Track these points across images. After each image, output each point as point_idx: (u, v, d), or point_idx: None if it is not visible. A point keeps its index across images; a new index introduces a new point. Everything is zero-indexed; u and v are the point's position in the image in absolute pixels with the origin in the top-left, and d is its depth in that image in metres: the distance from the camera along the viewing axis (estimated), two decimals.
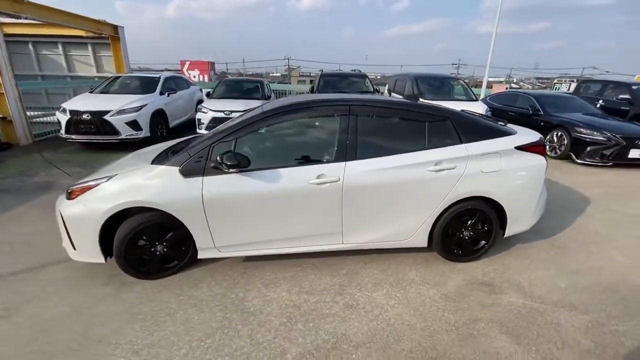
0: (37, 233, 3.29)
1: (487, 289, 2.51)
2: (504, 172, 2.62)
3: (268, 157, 2.54)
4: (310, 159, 2.50)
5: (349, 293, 2.44)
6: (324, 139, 2.57)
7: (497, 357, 1.90)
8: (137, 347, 1.95)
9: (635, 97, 7.58)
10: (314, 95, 3.09)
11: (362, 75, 8.41)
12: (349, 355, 1.91)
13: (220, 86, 8.18)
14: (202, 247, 2.52)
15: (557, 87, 34.57)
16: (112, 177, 2.42)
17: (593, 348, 1.97)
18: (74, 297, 2.38)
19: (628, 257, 2.98)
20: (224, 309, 2.28)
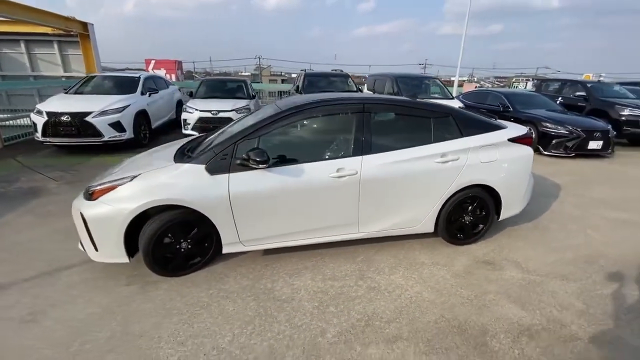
0: (36, 239, 3.18)
1: (490, 266, 2.81)
2: (499, 161, 2.93)
3: (290, 153, 2.66)
4: (330, 154, 2.66)
5: (369, 277, 2.64)
6: (340, 135, 2.73)
7: (510, 321, 2.17)
8: (181, 338, 2.02)
9: (590, 94, 8.44)
10: (327, 95, 3.24)
11: (344, 75, 8.65)
12: (383, 330, 2.10)
13: (203, 86, 8.08)
14: (227, 242, 2.60)
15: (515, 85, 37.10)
16: (136, 177, 2.43)
17: (585, 309, 2.30)
18: (100, 298, 2.37)
19: (600, 234, 3.42)
20: (256, 298, 2.39)
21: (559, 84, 9.59)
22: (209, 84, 8.23)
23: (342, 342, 2.00)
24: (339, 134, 2.74)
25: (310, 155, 2.65)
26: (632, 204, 4.29)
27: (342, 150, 2.67)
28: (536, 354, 1.93)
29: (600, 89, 8.60)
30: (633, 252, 3.08)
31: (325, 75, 8.55)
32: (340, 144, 2.70)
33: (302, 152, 2.71)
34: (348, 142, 2.68)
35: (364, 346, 1.97)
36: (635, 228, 3.60)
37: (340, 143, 2.70)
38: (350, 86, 8.20)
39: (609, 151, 6.74)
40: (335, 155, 2.65)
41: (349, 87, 8.19)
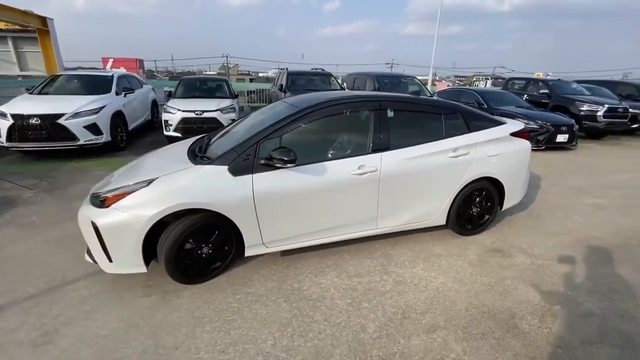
0: (27, 253, 2.90)
1: (500, 254, 2.97)
2: (503, 155, 3.11)
3: (311, 152, 2.64)
4: (350, 151, 2.68)
5: (392, 271, 2.69)
6: (359, 132, 2.76)
7: (532, 304, 2.32)
8: (220, 346, 1.95)
9: (552, 91, 9.16)
10: (343, 92, 3.25)
11: (327, 73, 8.69)
12: (419, 321, 2.16)
13: (182, 85, 7.73)
14: (250, 245, 2.53)
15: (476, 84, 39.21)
16: (154, 181, 2.30)
17: (592, 287, 2.52)
18: (120, 311, 2.22)
19: (585, 219, 3.75)
20: (287, 300, 2.35)
21: (524, 82, 10.31)
22: (188, 83, 7.89)
23: (384, 336, 2.03)
24: (358, 131, 2.77)
25: (331, 153, 2.66)
26: (603, 191, 4.73)
27: (362, 148, 2.70)
28: (562, 331, 2.08)
29: (561, 87, 9.35)
30: (616, 233, 3.40)
31: (308, 74, 8.53)
32: (360, 141, 2.73)
33: (322, 150, 2.71)
34: (367, 139, 2.71)
35: (406, 338, 2.02)
36: (611, 212, 3.97)
37: (359, 140, 2.73)
38: (333, 84, 8.25)
39: (574, 143, 7.36)
40: (355, 152, 2.67)
41: (332, 86, 8.24)
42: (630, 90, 10.93)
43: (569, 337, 2.04)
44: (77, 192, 4.32)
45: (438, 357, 1.88)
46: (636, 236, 3.38)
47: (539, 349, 1.95)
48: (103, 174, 4.99)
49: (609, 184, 5.05)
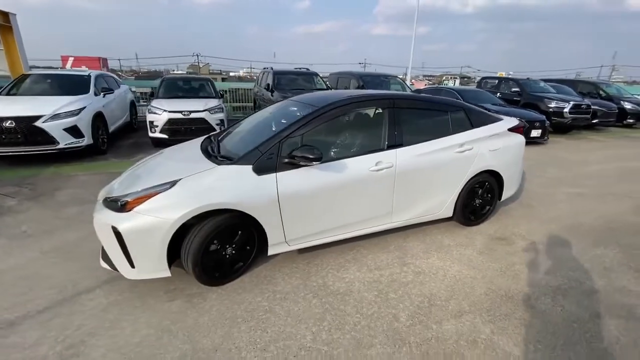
0: (26, 265, 2.72)
1: (504, 241, 3.18)
2: (502, 149, 3.32)
3: (330, 149, 2.68)
4: (367, 148, 2.75)
5: (410, 263, 2.80)
6: (374, 130, 2.84)
7: (542, 285, 2.52)
8: (261, 345, 1.95)
9: (523, 89, 9.77)
10: (355, 91, 3.30)
11: (313, 73, 8.72)
12: (446, 307, 2.28)
13: (165, 85, 7.46)
14: (273, 243, 2.53)
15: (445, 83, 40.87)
16: (177, 182, 2.25)
17: (590, 267, 2.76)
18: (147, 318, 2.15)
19: (569, 207, 4.08)
20: (316, 295, 2.39)
21: (496, 81, 10.91)
22: (171, 83, 7.62)
23: (417, 323, 2.13)
24: (373, 128, 2.85)
25: (349, 151, 2.72)
26: (579, 181, 5.15)
27: (378, 145, 2.78)
28: (573, 308, 2.28)
29: (530, 85, 10.00)
30: (597, 218, 3.74)
31: (294, 73, 8.52)
32: (375, 138, 2.81)
33: (341, 147, 2.76)
34: (382, 136, 2.80)
35: (438, 324, 2.12)
36: (590, 199, 4.35)
37: (375, 137, 2.81)
38: (320, 84, 8.30)
39: (545, 138, 7.91)
40: (372, 149, 2.75)
41: (318, 85, 8.29)
42: (588, 88, 11.89)
43: (580, 313, 2.24)
44: (65, 199, 4.08)
45: (470, 339, 2.01)
46: (615, 220, 3.72)
47: (557, 325, 2.13)
48: (88, 180, 4.79)
49: (583, 175, 5.50)
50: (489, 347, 1.95)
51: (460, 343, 1.97)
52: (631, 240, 3.25)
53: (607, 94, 11.40)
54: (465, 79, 48.27)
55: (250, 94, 11.47)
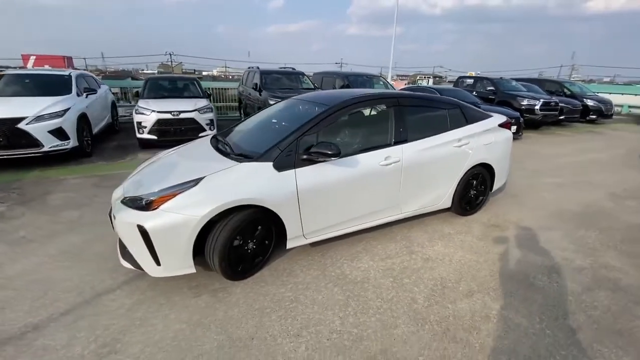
0: (34, 271, 2.66)
1: (498, 228, 3.44)
2: (494, 143, 3.58)
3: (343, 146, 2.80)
4: (377, 144, 2.90)
5: (417, 251, 2.99)
6: (382, 126, 3.00)
7: (537, 265, 2.78)
8: (294, 331, 2.06)
9: (497, 88, 10.34)
10: (361, 91, 3.43)
11: (299, 72, 8.80)
12: (457, 288, 2.47)
13: (150, 85, 7.28)
14: (292, 237, 2.63)
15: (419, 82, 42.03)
16: (201, 180, 2.30)
17: (576, 248, 3.07)
18: (176, 314, 2.19)
19: (551, 195, 4.44)
20: (337, 284, 2.51)
21: (472, 80, 11.47)
22: (156, 82, 7.44)
23: (434, 304, 2.31)
24: (381, 125, 3.01)
25: (360, 147, 2.86)
26: (556, 171, 5.58)
27: (386, 140, 2.94)
28: (570, 282, 2.55)
29: (503, 84, 10.60)
30: (577, 204, 4.11)
31: (281, 72, 8.56)
32: (383, 134, 2.97)
33: (353, 144, 2.90)
34: (389, 132, 2.96)
35: (453, 303, 2.31)
36: (568, 188, 4.75)
37: (383, 134, 2.97)
38: (307, 83, 8.40)
39: (520, 134, 8.44)
40: (381, 145, 2.91)
41: (305, 84, 8.38)
42: (554, 86, 12.74)
43: (574, 287, 2.50)
44: (59, 202, 3.96)
45: (484, 314, 2.21)
46: (591, 205, 4.11)
47: (556, 299, 2.38)
48: (79, 183, 4.66)
49: (558, 166, 5.96)
50: (500, 321, 2.15)
51: (475, 319, 2.17)
52: (608, 223, 3.62)
53: (571, 92, 12.27)
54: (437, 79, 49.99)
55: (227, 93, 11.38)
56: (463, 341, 1.99)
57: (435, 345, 1.96)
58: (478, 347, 1.95)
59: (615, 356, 1.90)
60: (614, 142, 8.82)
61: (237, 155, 2.62)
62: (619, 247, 3.09)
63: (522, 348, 1.94)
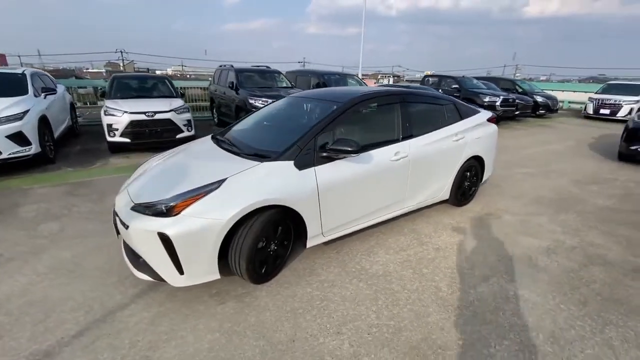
0: (25, 291, 2.38)
1: (492, 216, 3.68)
2: (484, 137, 3.82)
3: None
4: (386, 140, 2.97)
5: (427, 242, 3.11)
6: (390, 122, 3.06)
7: (535, 247, 3.02)
8: (333, 329, 2.05)
9: (461, 86, 10.99)
10: (367, 87, 3.47)
11: (276, 71, 8.67)
12: (474, 274, 2.62)
13: (117, 84, 6.75)
14: (312, 236, 2.61)
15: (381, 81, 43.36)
16: (224, 182, 2.20)
17: (563, 230, 3.38)
18: (206, 324, 2.08)
19: (528, 184, 4.84)
20: (361, 279, 2.54)
21: (437, 78, 12.08)
22: (123, 81, 6.91)
23: (456, 290, 2.42)
24: (389, 122, 3.07)
25: (372, 143, 2.90)
26: (526, 162, 6.08)
27: (394, 136, 3.02)
28: (567, 261, 2.81)
29: (466, 82, 11.29)
30: (551, 191, 4.52)
31: (257, 71, 8.36)
32: (392, 130, 3.04)
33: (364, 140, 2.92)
34: (397, 128, 3.04)
35: (474, 288, 2.44)
36: (539, 177, 5.20)
37: (391, 130, 3.04)
38: (283, 81, 8.31)
39: None
40: (391, 140, 2.98)
41: (283, 83, 8.29)
42: (507, 84, 13.81)
43: (571, 265, 2.76)
44: (33, 215, 3.57)
45: (503, 296, 2.36)
46: (562, 191, 4.55)
47: (559, 276, 2.61)
48: (50, 193, 4.24)
49: (525, 157, 6.50)
50: (519, 301, 2.32)
51: (497, 301, 2.32)
52: (582, 206, 4.02)
53: (522, 89, 13.39)
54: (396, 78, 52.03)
55: (188, 93, 10.89)
56: (493, 322, 2.12)
57: (470, 328, 2.07)
58: (507, 326, 2.09)
59: (622, 322, 2.13)
60: (563, 134, 9.78)
61: (253, 155, 2.54)
62: (598, 227, 3.45)
63: (545, 323, 2.11)
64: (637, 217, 3.72)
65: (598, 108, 12.88)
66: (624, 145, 6.02)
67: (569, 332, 2.04)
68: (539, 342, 1.97)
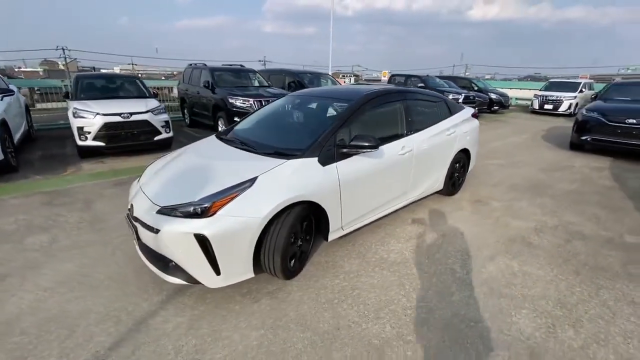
0: (37, 308, 2.21)
1: (481, 203, 4.02)
2: (469, 131, 4.15)
3: None
4: (394, 135, 3.14)
5: (434, 229, 3.33)
6: (396, 119, 3.23)
7: (525, 228, 3.37)
8: (372, 314, 2.16)
9: (426, 84, 11.63)
10: (374, 86, 3.58)
11: (251, 70, 8.54)
12: (481, 254, 2.87)
13: (83, 85, 6.25)
14: (333, 230, 2.69)
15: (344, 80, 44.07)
16: (256, 180, 2.21)
17: (542, 211, 3.80)
18: (247, 322, 2.09)
19: (501, 173, 5.31)
20: (384, 267, 2.68)
21: (404, 77, 12.66)
22: (89, 82, 6.39)
23: (470, 270, 2.65)
24: (395, 118, 3.24)
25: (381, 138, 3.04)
26: (493, 154, 6.64)
27: (400, 132, 3.20)
28: (553, 237, 3.18)
29: (430, 81, 11.97)
30: (522, 179, 5.02)
31: (232, 70, 8.17)
32: (398, 126, 3.21)
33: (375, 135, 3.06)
34: (402, 124, 3.23)
35: (484, 267, 2.69)
36: (508, 167, 5.73)
37: (397, 126, 3.21)
38: (260, 80, 8.22)
39: None
40: (397, 136, 3.15)
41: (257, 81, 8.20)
42: (464, 83, 14.86)
43: (558, 241, 3.14)
44: (13, 228, 3.28)
45: (510, 272, 2.64)
46: (532, 179, 5.07)
47: (551, 251, 2.96)
48: (24, 203, 3.94)
49: (492, 150, 7.09)
50: (524, 275, 2.60)
51: (506, 277, 2.58)
52: (552, 191, 4.53)
53: (478, 87, 14.49)
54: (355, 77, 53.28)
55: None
56: (508, 295, 2.37)
57: (491, 302, 2.29)
58: (521, 297, 2.35)
59: (611, 285, 2.49)
60: (517, 128, 10.76)
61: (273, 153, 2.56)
62: (570, 208, 3.93)
63: (550, 292, 2.41)
64: (598, 198, 4.28)
65: (543, 104, 14.32)
66: (575, 136, 6.81)
67: (572, 298, 2.35)
68: (550, 307, 2.25)
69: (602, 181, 5.03)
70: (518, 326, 2.08)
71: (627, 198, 4.30)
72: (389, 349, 1.91)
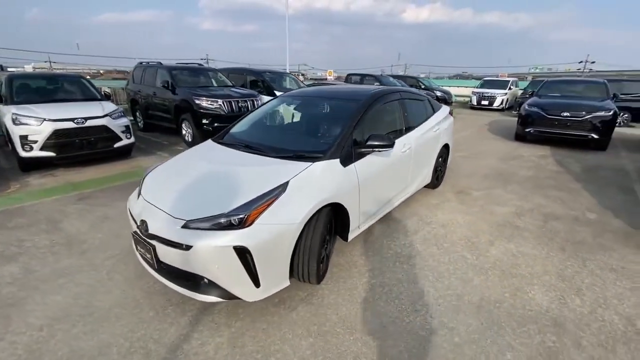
0: (45, 351, 1.90)
1: (465, 194, 4.35)
2: (448, 128, 4.46)
3: None
4: (396, 133, 3.24)
5: (431, 221, 3.52)
6: (396, 117, 3.35)
7: (510, 213, 3.74)
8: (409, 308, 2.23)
9: (382, 83, 12.13)
10: (374, 87, 3.61)
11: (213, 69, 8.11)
12: (481, 241, 3.12)
13: (19, 86, 5.35)
14: (353, 229, 2.71)
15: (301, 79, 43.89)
16: (287, 185, 2.14)
17: (519, 196, 4.24)
18: (292, 333, 2.03)
19: (470, 165, 5.79)
20: (402, 262, 2.77)
21: (359, 77, 13.05)
22: (24, 82, 5.49)
23: (477, 256, 2.87)
24: (395, 116, 3.35)
25: None
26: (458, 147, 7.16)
27: (400, 129, 3.32)
28: (533, 220, 3.57)
29: (384, 80, 12.51)
30: (488, 169, 5.54)
31: (192, 69, 7.63)
32: (398, 124, 3.33)
33: None
34: (400, 122, 3.35)
35: (487, 252, 2.94)
36: (473, 158, 6.27)
37: (397, 124, 3.33)
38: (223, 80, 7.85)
39: None
40: (399, 134, 3.27)
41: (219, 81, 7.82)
42: (412, 81, 15.82)
43: (538, 223, 3.53)
44: None
45: (510, 254, 2.91)
46: (497, 168, 5.61)
47: (536, 232, 3.32)
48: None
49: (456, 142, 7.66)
50: (523, 255, 2.90)
51: (510, 259, 2.85)
52: (516, 178, 5.07)
53: (425, 85, 15.54)
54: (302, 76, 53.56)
55: None
56: (518, 275, 2.62)
57: (506, 282, 2.52)
58: (528, 275, 2.61)
59: (592, 256, 2.89)
60: (463, 122, 11.77)
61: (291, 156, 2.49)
62: (538, 192, 4.45)
63: (550, 268, 2.72)
64: (553, 182, 4.91)
65: (480, 100, 15.87)
66: (520, 128, 7.69)
67: (567, 271, 2.68)
68: (554, 281, 2.54)
69: (550, 167, 5.77)
70: (535, 301, 2.32)
71: (574, 180, 5.00)
72: (437, 338, 1.99)
